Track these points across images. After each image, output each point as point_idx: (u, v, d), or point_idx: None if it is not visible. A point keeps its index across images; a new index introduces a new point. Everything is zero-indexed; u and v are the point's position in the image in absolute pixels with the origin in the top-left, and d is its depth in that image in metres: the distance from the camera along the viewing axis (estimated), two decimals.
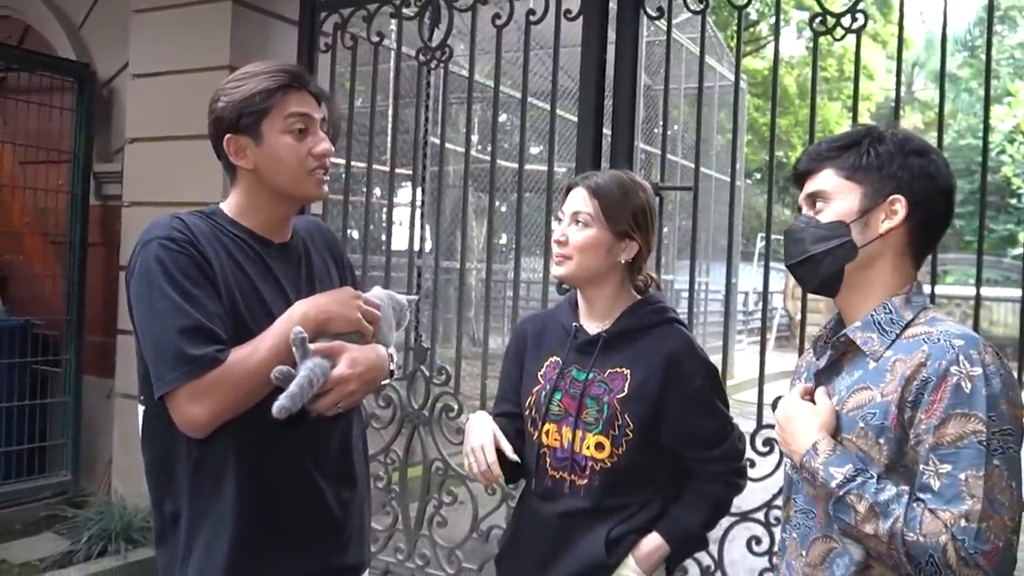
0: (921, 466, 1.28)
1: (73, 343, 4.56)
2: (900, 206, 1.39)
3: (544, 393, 1.81)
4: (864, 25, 2.68)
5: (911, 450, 1.30)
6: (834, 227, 1.42)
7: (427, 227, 4.59)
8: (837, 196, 1.43)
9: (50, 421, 4.59)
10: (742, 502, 2.95)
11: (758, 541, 2.89)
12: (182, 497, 1.57)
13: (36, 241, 4.84)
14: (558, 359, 1.83)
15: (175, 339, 1.45)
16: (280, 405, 1.41)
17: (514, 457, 1.74)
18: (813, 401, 1.44)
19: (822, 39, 2.78)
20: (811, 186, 1.47)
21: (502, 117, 8.94)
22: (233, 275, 1.56)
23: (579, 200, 1.79)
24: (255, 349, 1.49)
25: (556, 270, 1.81)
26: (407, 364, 3.53)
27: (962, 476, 1.23)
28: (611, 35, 3.12)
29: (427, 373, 3.47)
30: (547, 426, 1.79)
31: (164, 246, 1.51)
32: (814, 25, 2.72)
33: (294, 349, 1.46)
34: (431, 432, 3.47)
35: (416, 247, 3.58)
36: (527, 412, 1.85)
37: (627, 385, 1.74)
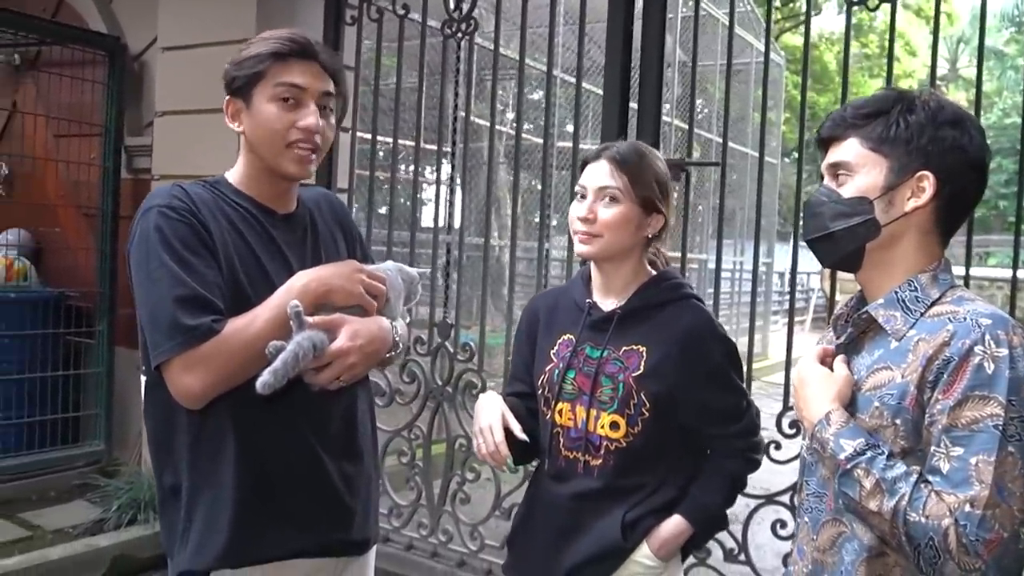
0: (932, 447, 1.22)
1: (105, 315, 4.62)
2: (928, 183, 1.31)
3: (557, 372, 1.76)
4: None
5: (925, 430, 1.24)
6: (856, 203, 1.34)
7: (455, 203, 4.57)
8: (861, 169, 1.34)
9: (84, 392, 4.66)
10: (770, 484, 2.92)
11: (783, 524, 2.85)
12: (182, 469, 1.55)
13: (70, 214, 4.89)
14: (571, 337, 1.78)
15: (171, 308, 1.43)
16: (263, 380, 1.38)
17: (523, 436, 1.69)
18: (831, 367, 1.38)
19: (864, 15, 2.68)
20: (834, 155, 1.38)
21: (538, 94, 8.85)
22: (234, 244, 1.54)
23: (604, 174, 1.71)
24: (252, 320, 1.47)
25: (581, 248, 1.73)
26: (431, 340, 3.52)
27: (973, 460, 1.18)
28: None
29: (451, 349, 3.46)
30: (560, 405, 1.75)
31: (163, 214, 1.49)
32: None
33: (291, 322, 1.44)
34: (455, 408, 3.46)
35: (444, 223, 3.56)
36: (540, 391, 1.80)
37: (643, 363, 1.69)
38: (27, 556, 3.47)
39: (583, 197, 1.74)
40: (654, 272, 1.80)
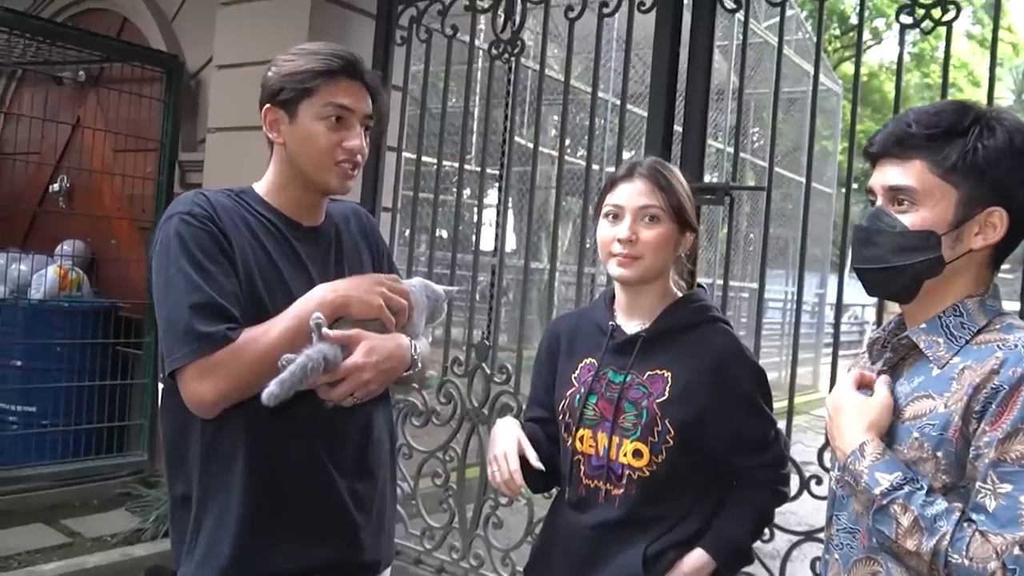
0: (978, 483, 1.14)
1: (154, 327, 4.64)
2: (1000, 220, 1.22)
3: (578, 397, 1.70)
4: (956, 17, 2.45)
5: (970, 464, 1.16)
6: (923, 238, 1.23)
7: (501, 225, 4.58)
8: (927, 199, 1.23)
9: (130, 402, 4.75)
10: (812, 520, 2.82)
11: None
12: (193, 478, 1.54)
13: (124, 226, 5.02)
14: (593, 360, 1.72)
15: (187, 315, 1.42)
16: (268, 391, 1.36)
17: (538, 465, 1.64)
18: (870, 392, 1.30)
19: (926, 44, 2.61)
20: (894, 177, 1.26)
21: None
22: (254, 254, 1.54)
23: (643, 193, 1.65)
24: (268, 330, 1.45)
25: (618, 271, 1.66)
26: (468, 361, 3.50)
27: (1022, 498, 1.10)
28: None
29: (488, 371, 3.43)
30: (581, 432, 1.69)
31: (184, 221, 1.50)
32: (901, 17, 2.51)
33: (312, 333, 1.42)
34: (490, 431, 3.42)
35: (490, 247, 3.56)
36: (560, 417, 1.75)
37: (667, 388, 1.62)
38: (65, 563, 3.55)
39: (615, 217, 1.68)
40: (679, 294, 1.74)
